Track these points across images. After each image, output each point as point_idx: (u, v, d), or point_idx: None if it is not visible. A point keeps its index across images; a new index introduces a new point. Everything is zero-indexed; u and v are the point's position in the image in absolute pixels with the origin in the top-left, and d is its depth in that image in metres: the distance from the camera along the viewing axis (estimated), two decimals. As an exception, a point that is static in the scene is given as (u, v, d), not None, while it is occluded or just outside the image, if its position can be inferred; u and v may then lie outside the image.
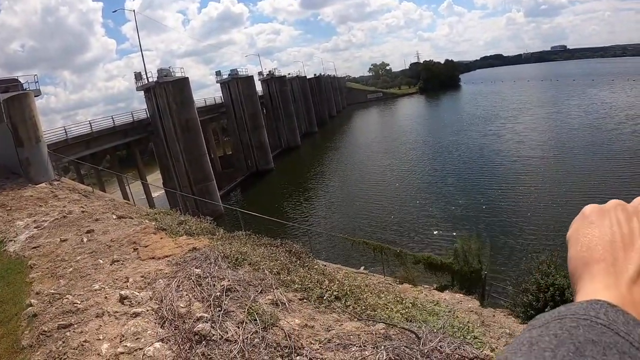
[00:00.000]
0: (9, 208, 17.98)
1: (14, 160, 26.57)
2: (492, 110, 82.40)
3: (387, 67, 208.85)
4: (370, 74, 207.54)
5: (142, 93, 44.99)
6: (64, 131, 34.68)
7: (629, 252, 0.59)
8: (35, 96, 28.58)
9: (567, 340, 0.45)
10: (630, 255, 0.58)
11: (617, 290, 0.54)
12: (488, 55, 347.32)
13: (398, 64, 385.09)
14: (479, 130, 63.41)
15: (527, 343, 0.47)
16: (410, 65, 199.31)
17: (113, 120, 40.23)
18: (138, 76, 45.10)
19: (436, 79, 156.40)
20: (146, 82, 43.99)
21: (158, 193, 42.45)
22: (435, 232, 28.10)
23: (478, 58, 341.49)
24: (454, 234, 24.46)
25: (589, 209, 0.68)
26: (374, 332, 5.64)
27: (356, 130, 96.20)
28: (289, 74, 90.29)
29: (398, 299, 8.62)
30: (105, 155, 42.70)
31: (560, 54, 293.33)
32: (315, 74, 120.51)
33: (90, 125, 37.38)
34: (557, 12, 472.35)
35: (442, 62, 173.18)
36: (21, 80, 29.96)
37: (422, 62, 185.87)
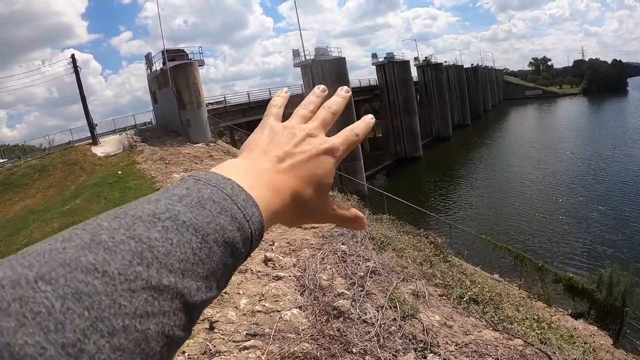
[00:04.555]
0: (167, 162, 19.20)
1: (176, 121, 28.76)
2: (659, 127, 69.75)
3: (549, 63, 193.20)
4: (530, 68, 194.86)
5: (298, 69, 46.31)
6: (223, 98, 37.64)
7: (263, 153, 0.68)
8: (199, 66, 30.69)
9: (194, 193, 0.51)
10: (262, 155, 0.68)
11: (242, 164, 0.64)
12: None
13: (560, 60, 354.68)
14: (641, 148, 54.52)
15: (164, 190, 0.53)
16: (574, 62, 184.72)
17: (270, 93, 41.91)
18: (296, 53, 46.52)
19: (601, 81, 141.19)
20: (303, 59, 45.21)
21: (305, 165, 43.48)
22: (574, 258, 25.04)
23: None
24: (594, 265, 21.83)
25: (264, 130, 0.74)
26: (511, 347, 5.18)
27: (510, 130, 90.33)
28: (445, 61, 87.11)
29: (535, 316, 8.12)
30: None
31: None
32: (472, 64, 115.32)
33: (248, 96, 39.83)
34: None
35: (609, 61, 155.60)
36: (186, 51, 32.36)
37: (587, 59, 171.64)
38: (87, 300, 0.36)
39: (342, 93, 0.83)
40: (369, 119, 0.81)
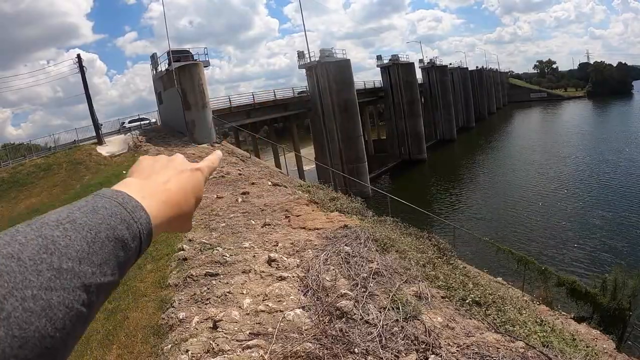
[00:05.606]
0: (172, 162, 19.25)
1: (181, 121, 28.85)
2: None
3: (554, 65, 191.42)
4: (535, 71, 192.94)
5: (303, 71, 46.16)
6: (228, 100, 37.15)
7: (151, 175, 0.82)
8: (204, 67, 30.73)
9: (90, 204, 0.64)
10: (151, 176, 0.81)
11: (136, 182, 0.77)
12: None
13: (565, 63, 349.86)
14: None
15: (69, 204, 0.65)
16: (579, 65, 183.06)
17: (274, 94, 42.01)
18: (301, 55, 46.54)
19: (606, 84, 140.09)
20: (308, 61, 45.20)
21: (309, 167, 43.40)
22: (577, 262, 25.01)
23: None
24: (597, 269, 21.75)
25: (144, 158, 0.90)
26: (513, 349, 5.17)
27: (515, 132, 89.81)
28: (450, 64, 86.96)
29: (538, 320, 8.09)
30: (264, 125, 44.55)
31: None
32: (477, 66, 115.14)
33: (253, 97, 39.44)
34: None
35: (614, 64, 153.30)
36: (192, 52, 32.36)
37: (592, 62, 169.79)
38: (6, 276, 0.49)
39: (218, 153, 1.02)
40: (219, 152, 1.02)
